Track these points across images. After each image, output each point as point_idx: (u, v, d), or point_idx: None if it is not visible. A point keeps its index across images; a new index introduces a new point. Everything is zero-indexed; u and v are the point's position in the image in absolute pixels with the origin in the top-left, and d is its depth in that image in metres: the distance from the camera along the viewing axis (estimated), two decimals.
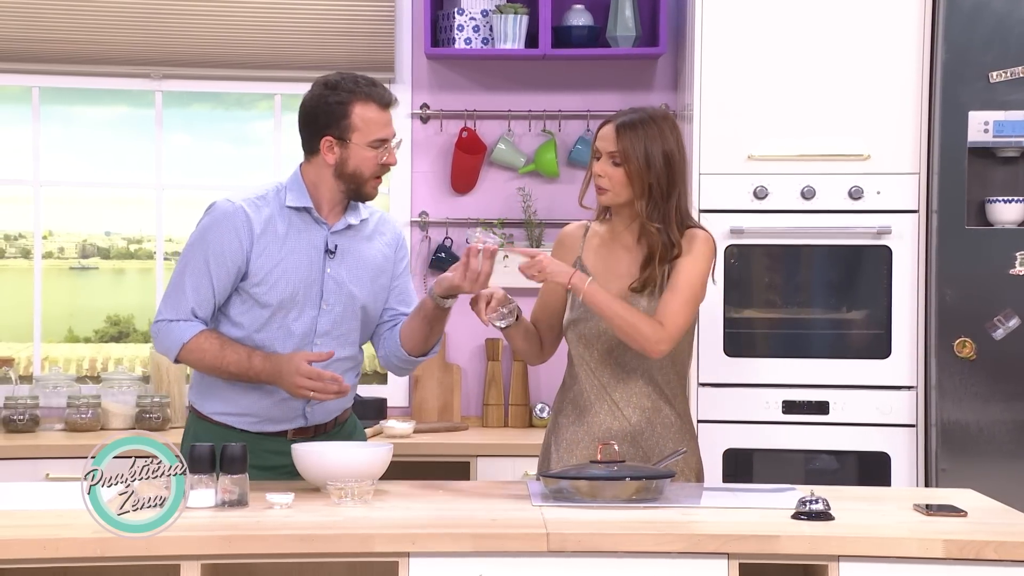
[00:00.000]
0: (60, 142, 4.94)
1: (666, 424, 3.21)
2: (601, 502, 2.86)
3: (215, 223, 3.13)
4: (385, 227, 3.30)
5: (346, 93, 3.10)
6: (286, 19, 4.76)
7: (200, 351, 3.12)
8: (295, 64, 4.77)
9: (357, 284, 3.20)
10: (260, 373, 3.09)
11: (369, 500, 2.88)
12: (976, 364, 4.11)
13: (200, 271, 3.12)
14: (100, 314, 5.19)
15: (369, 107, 3.10)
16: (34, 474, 4.19)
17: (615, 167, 3.14)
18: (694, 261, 3.14)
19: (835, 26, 4.19)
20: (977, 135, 4.12)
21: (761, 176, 4.21)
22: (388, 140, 3.14)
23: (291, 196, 3.16)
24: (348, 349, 3.22)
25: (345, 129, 3.10)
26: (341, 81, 3.12)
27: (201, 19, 4.75)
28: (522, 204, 4.78)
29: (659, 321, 3.08)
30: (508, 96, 4.83)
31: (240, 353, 3.11)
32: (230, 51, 4.76)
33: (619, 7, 4.65)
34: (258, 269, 3.12)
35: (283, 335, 3.15)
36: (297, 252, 3.15)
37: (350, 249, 3.21)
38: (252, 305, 3.15)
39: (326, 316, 3.17)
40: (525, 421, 4.76)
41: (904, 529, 2.67)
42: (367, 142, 3.11)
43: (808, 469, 4.22)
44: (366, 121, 3.10)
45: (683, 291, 3.11)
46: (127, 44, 4.75)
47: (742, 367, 4.23)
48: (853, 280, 4.26)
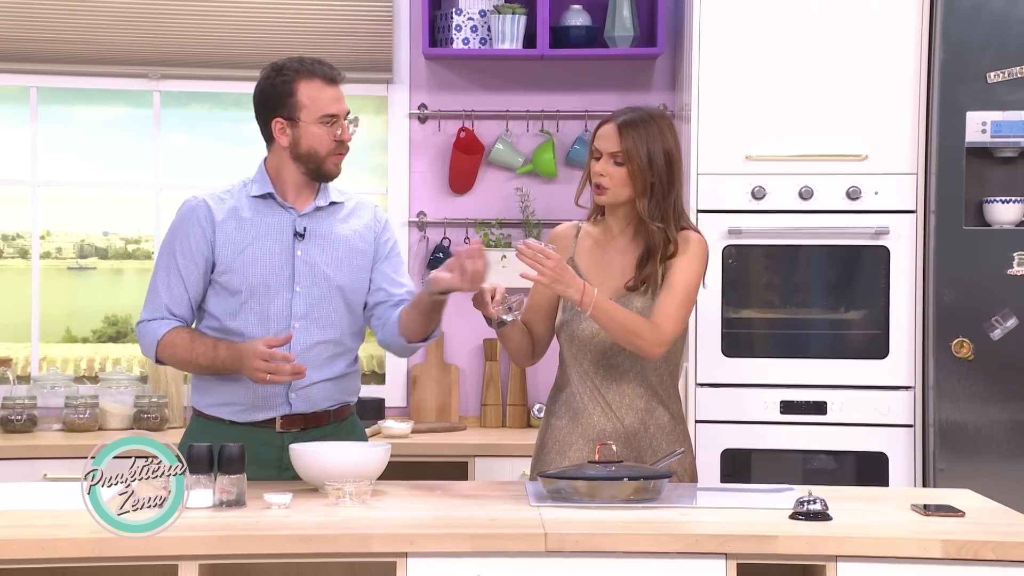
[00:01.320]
0: (58, 142, 4.94)
1: (659, 425, 3.21)
2: (599, 502, 2.86)
3: (180, 220, 3.22)
4: (363, 211, 3.31)
5: (291, 72, 3.15)
6: (284, 19, 4.76)
7: (172, 346, 3.17)
8: None
9: (332, 265, 3.21)
10: (225, 361, 3.11)
11: (367, 500, 2.88)
12: (974, 364, 4.11)
13: (170, 268, 3.20)
14: (98, 314, 5.19)
15: (313, 83, 3.13)
16: (32, 474, 4.19)
17: (617, 166, 3.14)
18: (689, 262, 3.15)
19: (833, 26, 4.19)
20: (975, 135, 4.12)
21: (759, 176, 4.21)
22: (338, 116, 3.16)
23: (255, 186, 3.23)
24: (330, 332, 3.22)
25: (293, 108, 3.13)
26: (287, 63, 3.17)
27: (199, 19, 4.75)
28: (520, 204, 4.78)
29: (656, 323, 3.09)
30: (506, 96, 4.83)
31: (207, 344, 3.15)
32: (228, 51, 4.76)
33: (617, 7, 4.65)
34: (223, 257, 3.17)
35: (258, 320, 3.18)
36: (263, 237, 3.18)
37: (321, 231, 3.22)
38: (223, 294, 3.19)
39: (300, 299, 3.19)
40: (523, 421, 4.76)
41: (902, 529, 2.67)
42: (316, 119, 3.13)
43: (806, 469, 4.23)
44: (312, 98, 3.13)
45: (679, 293, 3.12)
46: (125, 44, 4.74)
47: (740, 367, 4.23)
48: (851, 280, 4.26)
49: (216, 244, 3.18)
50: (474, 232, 4.79)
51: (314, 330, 3.20)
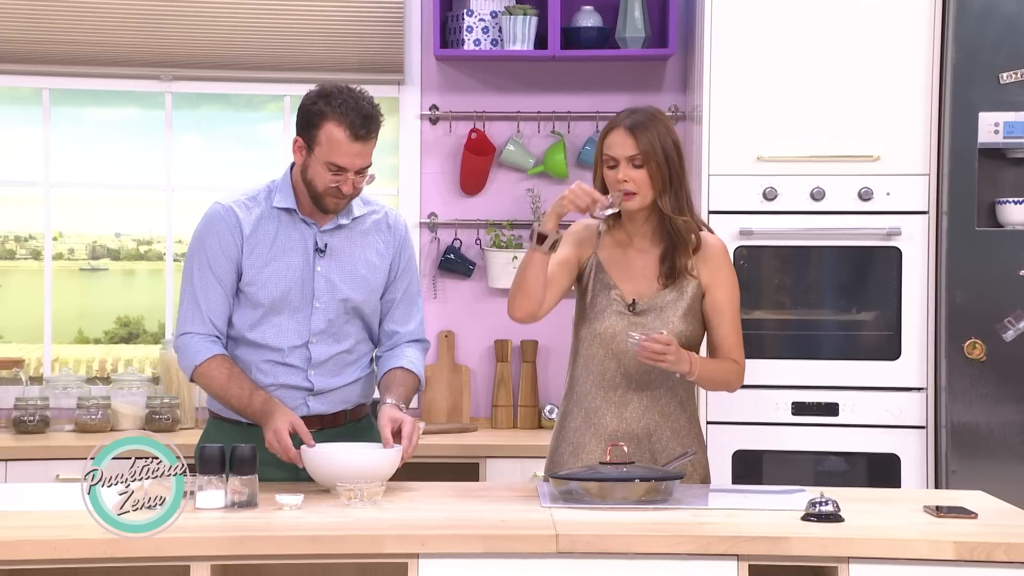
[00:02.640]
0: (70, 143, 4.95)
1: (675, 428, 3.21)
2: (611, 503, 2.86)
3: (209, 226, 3.19)
4: (384, 225, 3.29)
5: (327, 106, 3.08)
6: (295, 21, 4.76)
7: (208, 378, 3.17)
8: (304, 66, 4.77)
9: (349, 283, 3.21)
10: (255, 414, 3.12)
11: (379, 501, 2.88)
12: (986, 365, 4.10)
13: (205, 275, 3.17)
14: (110, 315, 5.20)
15: (339, 130, 3.07)
16: (44, 475, 4.20)
17: (637, 169, 3.15)
18: (732, 285, 3.24)
19: (844, 27, 4.18)
20: (987, 136, 4.11)
21: (770, 177, 4.21)
22: (347, 170, 3.10)
23: (279, 197, 3.21)
24: (346, 343, 3.24)
25: (312, 139, 3.11)
26: (334, 92, 3.09)
27: (211, 21, 4.76)
28: (531, 205, 4.78)
29: (735, 360, 3.22)
30: (517, 97, 4.83)
31: (243, 389, 3.14)
32: (240, 53, 4.77)
33: (628, 8, 4.65)
34: (248, 268, 3.17)
35: (276, 333, 3.18)
36: (288, 253, 3.18)
37: (341, 247, 3.22)
38: (245, 305, 3.19)
39: (319, 315, 3.19)
40: (534, 422, 4.76)
41: (914, 531, 2.66)
42: (325, 161, 3.10)
43: (817, 471, 4.22)
44: (330, 141, 3.08)
45: (733, 319, 3.24)
46: (137, 46, 4.75)
47: (751, 368, 4.18)
48: (863, 281, 4.25)
49: (244, 254, 3.17)
50: (485, 233, 4.79)
51: (331, 343, 3.21)
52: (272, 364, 3.19)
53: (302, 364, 3.19)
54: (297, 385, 3.20)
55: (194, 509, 2.77)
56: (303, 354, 3.20)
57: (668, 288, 3.19)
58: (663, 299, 3.18)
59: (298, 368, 3.20)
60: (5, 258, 5.10)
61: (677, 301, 3.18)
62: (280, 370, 3.19)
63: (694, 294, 3.20)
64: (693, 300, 3.20)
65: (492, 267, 4.74)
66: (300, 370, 3.20)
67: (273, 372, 3.19)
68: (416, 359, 3.32)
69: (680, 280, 3.19)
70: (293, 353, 3.19)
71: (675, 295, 3.19)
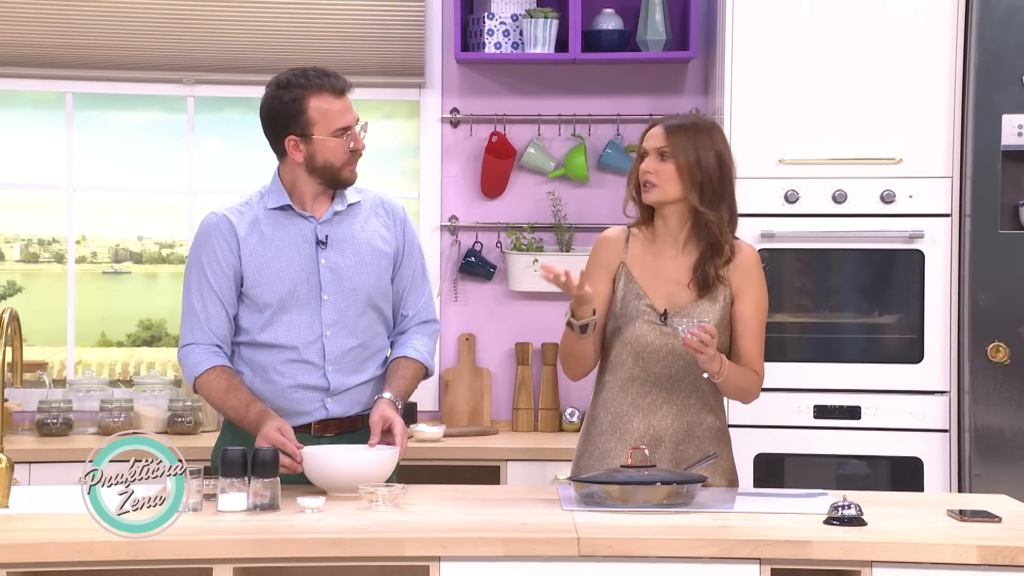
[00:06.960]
0: (93, 147, 4.97)
1: (704, 435, 3.20)
2: (632, 506, 2.85)
3: (203, 237, 3.22)
4: (381, 209, 3.31)
5: (298, 89, 3.14)
6: (317, 24, 4.78)
7: (208, 388, 3.18)
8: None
9: (357, 270, 3.22)
10: (250, 426, 3.11)
11: (400, 504, 2.88)
12: (1010, 369, 4.08)
13: (203, 286, 3.19)
14: (133, 318, 5.22)
15: (323, 98, 3.13)
16: (67, 477, 4.20)
17: (663, 162, 3.14)
18: (761, 296, 3.21)
19: (866, 29, 4.17)
20: (1011, 138, 4.09)
21: (792, 180, 4.20)
22: (350, 126, 3.16)
23: (271, 198, 3.23)
24: (361, 336, 3.23)
25: (305, 125, 3.14)
26: (291, 78, 3.16)
27: (232, 25, 4.78)
28: (552, 208, 4.78)
29: (755, 372, 3.20)
30: (538, 100, 4.83)
31: (241, 400, 3.14)
32: (261, 56, 4.78)
33: (649, 11, 4.64)
34: (249, 271, 3.18)
35: (288, 332, 3.19)
36: (287, 250, 3.19)
37: (342, 236, 3.23)
38: (252, 308, 3.20)
39: (329, 307, 3.20)
40: (555, 425, 4.76)
41: (938, 535, 2.65)
42: (329, 133, 3.14)
43: (840, 474, 4.21)
44: (323, 113, 3.13)
45: (760, 332, 3.22)
46: (159, 50, 4.78)
47: (773, 372, 4.18)
48: (885, 284, 4.24)
49: (242, 258, 3.19)
50: (506, 236, 4.79)
51: (345, 336, 3.21)
52: (289, 364, 3.19)
53: (318, 360, 3.19)
54: (314, 385, 3.20)
55: (216, 512, 2.78)
56: (318, 349, 3.20)
57: (702, 298, 3.17)
58: (696, 310, 3.16)
59: (315, 365, 3.19)
60: (29, 261, 5.12)
61: (710, 311, 3.16)
62: (297, 369, 3.19)
63: (726, 303, 3.18)
64: (724, 310, 3.18)
65: (513, 270, 4.74)
66: (317, 367, 3.20)
67: (291, 373, 3.20)
68: (422, 345, 3.31)
69: (713, 289, 3.17)
70: (308, 349, 3.19)
71: (708, 304, 3.17)
